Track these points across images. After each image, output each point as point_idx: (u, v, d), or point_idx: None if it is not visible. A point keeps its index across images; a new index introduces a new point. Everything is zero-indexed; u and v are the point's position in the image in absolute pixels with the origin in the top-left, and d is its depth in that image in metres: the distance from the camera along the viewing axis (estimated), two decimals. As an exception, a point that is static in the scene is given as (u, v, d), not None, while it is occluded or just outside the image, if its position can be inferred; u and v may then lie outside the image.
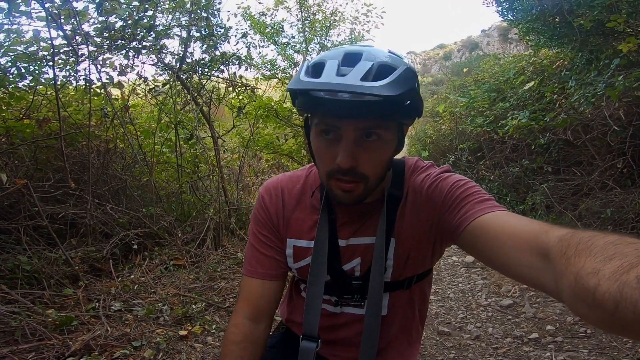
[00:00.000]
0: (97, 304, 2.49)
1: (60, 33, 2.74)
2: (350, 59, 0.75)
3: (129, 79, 3.98)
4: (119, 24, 3.13)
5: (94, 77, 3.28)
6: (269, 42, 7.58)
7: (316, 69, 0.75)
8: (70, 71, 3.24)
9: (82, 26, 2.83)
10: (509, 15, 5.49)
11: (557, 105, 4.86)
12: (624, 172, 3.93)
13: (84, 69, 3.20)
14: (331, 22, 7.60)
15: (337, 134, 0.78)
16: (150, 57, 3.77)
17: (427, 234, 0.89)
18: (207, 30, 3.86)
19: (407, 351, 1.03)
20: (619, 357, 2.20)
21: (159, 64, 3.91)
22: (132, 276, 3.03)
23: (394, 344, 1.01)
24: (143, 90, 4.20)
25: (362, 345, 0.90)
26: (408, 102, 0.76)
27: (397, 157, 0.98)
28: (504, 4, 5.39)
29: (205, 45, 4.02)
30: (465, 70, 11.19)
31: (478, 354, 2.46)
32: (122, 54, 3.39)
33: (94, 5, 2.77)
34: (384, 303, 0.95)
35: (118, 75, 3.54)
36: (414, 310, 1.01)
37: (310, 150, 0.86)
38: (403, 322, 1.00)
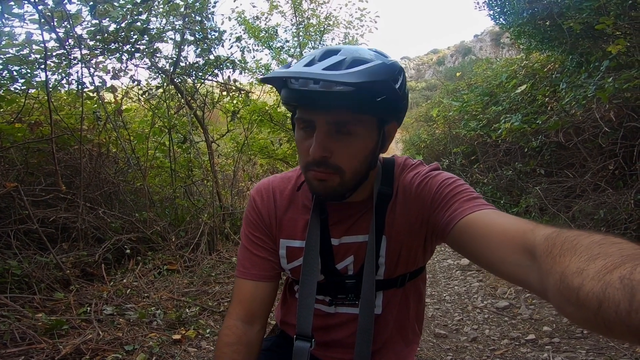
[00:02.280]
0: (88, 308, 2.45)
1: (54, 36, 2.72)
2: (328, 54, 0.77)
3: (122, 83, 3.96)
4: (113, 27, 3.11)
5: (86, 80, 3.26)
6: (263, 47, 7.61)
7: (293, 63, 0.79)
8: (63, 74, 3.22)
9: (75, 29, 2.81)
10: (501, 19, 5.55)
11: (548, 108, 4.91)
12: (616, 173, 3.96)
13: (77, 72, 3.18)
14: (325, 26, 7.65)
15: (312, 126, 0.79)
16: (144, 61, 3.76)
17: (417, 232, 0.90)
18: (201, 33, 3.86)
19: (403, 352, 1.02)
20: (617, 357, 2.20)
21: (153, 67, 3.89)
22: (124, 280, 2.99)
23: (390, 345, 1.00)
24: (136, 94, 4.18)
25: (356, 343, 0.89)
26: (383, 96, 0.75)
27: (387, 155, 0.98)
28: (496, 8, 5.45)
29: (199, 49, 4.02)
30: (458, 74, 11.29)
31: (475, 355, 2.45)
32: (115, 57, 3.37)
33: (87, 8, 2.76)
34: (378, 302, 0.95)
35: (111, 79, 3.52)
36: (408, 309, 1.01)
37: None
38: (398, 322, 1.00)
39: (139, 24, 3.27)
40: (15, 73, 2.94)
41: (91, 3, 2.74)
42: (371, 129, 0.81)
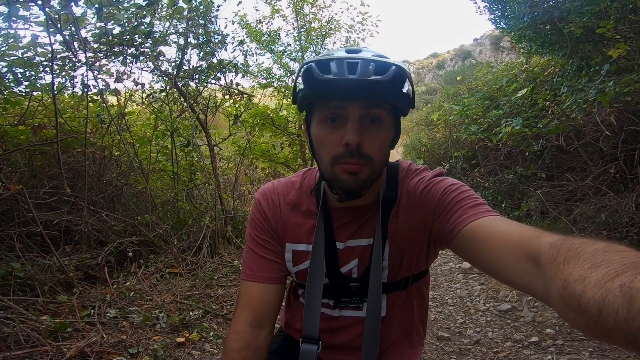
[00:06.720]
0: (92, 310, 2.45)
1: (59, 38, 2.73)
2: (353, 51, 0.81)
3: (125, 86, 3.97)
4: (117, 29, 3.13)
5: (90, 83, 3.27)
6: (265, 51, 7.62)
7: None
8: (67, 77, 3.23)
9: (80, 32, 2.82)
10: (502, 23, 5.58)
11: (549, 112, 4.92)
12: (617, 177, 3.97)
13: (81, 75, 3.19)
14: (327, 30, 7.67)
15: (343, 118, 0.80)
16: (147, 64, 3.77)
17: (420, 237, 0.90)
18: (204, 37, 3.87)
19: (409, 354, 1.03)
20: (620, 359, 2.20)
21: (156, 70, 3.91)
22: (127, 283, 2.99)
23: (396, 347, 1.01)
24: (140, 97, 4.19)
25: (363, 346, 0.90)
26: (409, 87, 0.81)
27: (391, 160, 0.99)
28: (497, 12, 5.48)
29: (202, 53, 4.03)
30: (458, 78, 11.31)
31: (479, 358, 2.45)
32: (119, 60, 3.38)
33: (93, 11, 2.77)
34: (382, 304, 0.95)
35: (115, 82, 3.54)
36: (412, 311, 1.01)
37: (311, 145, 0.87)
38: (403, 324, 1.00)
39: (143, 27, 3.28)
40: (19, 75, 2.95)
41: (97, 6, 2.75)
42: (392, 120, 0.84)
